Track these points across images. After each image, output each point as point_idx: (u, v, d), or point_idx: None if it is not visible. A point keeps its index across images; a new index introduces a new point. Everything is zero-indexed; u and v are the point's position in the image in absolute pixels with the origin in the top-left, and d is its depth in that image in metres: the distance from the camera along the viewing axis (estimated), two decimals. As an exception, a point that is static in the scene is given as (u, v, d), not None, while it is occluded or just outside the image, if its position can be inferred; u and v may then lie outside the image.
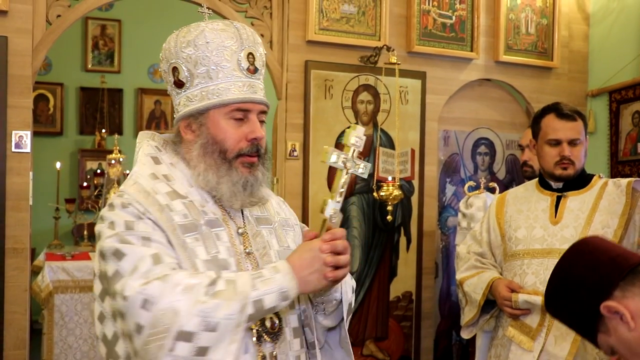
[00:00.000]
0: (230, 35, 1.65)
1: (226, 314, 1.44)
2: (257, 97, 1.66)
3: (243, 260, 1.65)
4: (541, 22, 4.63)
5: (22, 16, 3.34)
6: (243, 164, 1.65)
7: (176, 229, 1.57)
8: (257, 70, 1.68)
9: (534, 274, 2.58)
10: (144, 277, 1.45)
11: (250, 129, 1.65)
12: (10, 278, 3.33)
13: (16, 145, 3.35)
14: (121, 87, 7.34)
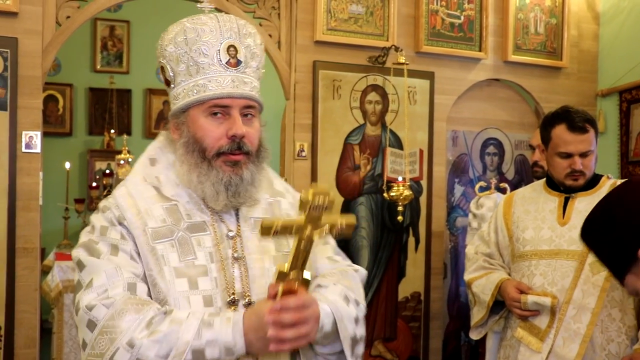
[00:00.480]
0: (210, 28, 1.60)
1: (157, 355, 1.40)
2: (236, 91, 1.59)
3: (229, 265, 1.59)
4: (550, 22, 4.61)
5: (32, 17, 3.36)
6: (225, 163, 1.58)
7: (148, 235, 1.55)
8: (240, 62, 1.61)
9: (541, 275, 2.58)
10: (96, 292, 1.48)
11: (230, 126, 1.58)
12: (20, 277, 3.35)
13: (26, 145, 3.37)
14: (130, 88, 7.37)
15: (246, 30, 1.64)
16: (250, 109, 1.62)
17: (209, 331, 1.43)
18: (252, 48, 1.64)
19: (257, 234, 1.60)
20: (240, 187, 1.59)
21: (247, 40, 1.63)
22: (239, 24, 1.64)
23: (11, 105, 3.32)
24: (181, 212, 1.61)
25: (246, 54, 1.62)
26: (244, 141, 1.58)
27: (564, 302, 2.50)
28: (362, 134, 4.09)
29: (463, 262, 4.39)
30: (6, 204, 3.31)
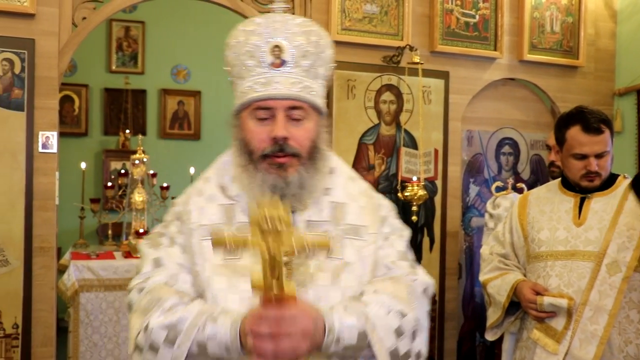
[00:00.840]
0: (258, 30, 1.57)
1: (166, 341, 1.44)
2: (278, 92, 1.54)
3: None
4: (566, 20, 4.58)
5: (49, 19, 3.39)
6: (270, 165, 1.55)
7: (198, 230, 1.59)
8: (285, 62, 1.56)
9: (557, 276, 2.56)
10: (140, 278, 1.59)
11: (272, 128, 1.54)
12: (37, 276, 3.38)
13: (43, 145, 3.40)
14: (145, 88, 7.40)
15: (298, 28, 1.58)
16: (296, 110, 1.56)
17: (211, 326, 1.43)
18: (304, 46, 1.57)
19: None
20: (286, 190, 1.55)
21: (297, 39, 1.57)
22: (289, 23, 1.59)
23: (28, 106, 3.35)
24: (237, 212, 1.61)
25: (294, 53, 1.56)
26: (288, 143, 1.54)
27: (581, 303, 2.48)
28: (377, 133, 4.09)
29: (478, 263, 4.37)
30: (23, 203, 3.34)
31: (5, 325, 3.32)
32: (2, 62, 3.31)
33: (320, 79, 1.63)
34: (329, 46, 1.64)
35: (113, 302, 4.65)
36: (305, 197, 1.58)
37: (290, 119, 1.56)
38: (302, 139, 1.56)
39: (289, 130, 1.55)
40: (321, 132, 1.62)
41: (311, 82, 1.59)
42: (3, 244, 3.31)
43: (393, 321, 1.52)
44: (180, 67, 7.47)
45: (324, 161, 1.63)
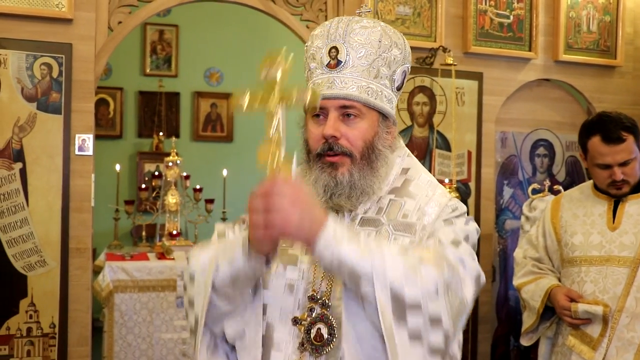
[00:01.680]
0: (321, 33, 1.63)
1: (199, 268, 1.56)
2: (329, 92, 1.56)
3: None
4: (604, 20, 4.50)
5: (86, 24, 3.44)
6: (322, 164, 1.56)
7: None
8: (340, 63, 1.57)
9: (592, 282, 2.51)
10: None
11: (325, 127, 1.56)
12: (73, 277, 3.43)
13: (79, 148, 3.45)
14: (178, 91, 7.48)
15: (359, 30, 1.59)
16: (348, 109, 1.56)
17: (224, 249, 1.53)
18: (362, 46, 1.58)
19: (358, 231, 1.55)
20: (336, 189, 1.55)
21: (354, 39, 1.58)
22: (351, 25, 1.60)
23: (65, 109, 3.41)
24: None
25: (351, 53, 1.57)
26: (338, 142, 1.54)
27: (617, 310, 2.43)
28: (410, 135, 4.06)
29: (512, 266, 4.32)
30: (60, 205, 3.40)
31: (43, 324, 3.38)
32: (41, 67, 3.37)
33: (384, 78, 1.61)
34: (396, 45, 1.63)
35: (147, 303, 4.70)
36: (355, 197, 1.56)
37: (344, 118, 1.56)
38: (354, 139, 1.56)
39: (340, 130, 1.55)
40: (380, 132, 1.60)
41: (370, 81, 1.58)
42: (41, 245, 3.37)
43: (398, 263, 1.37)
44: (213, 69, 7.53)
45: (383, 162, 1.60)
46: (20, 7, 3.30)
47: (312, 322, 1.51)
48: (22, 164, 3.36)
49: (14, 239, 3.34)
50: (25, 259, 3.35)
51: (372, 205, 1.61)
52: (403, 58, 1.66)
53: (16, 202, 3.34)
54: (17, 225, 3.34)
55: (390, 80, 1.63)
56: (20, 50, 3.34)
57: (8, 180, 3.34)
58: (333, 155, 1.55)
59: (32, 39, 3.35)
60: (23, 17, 3.32)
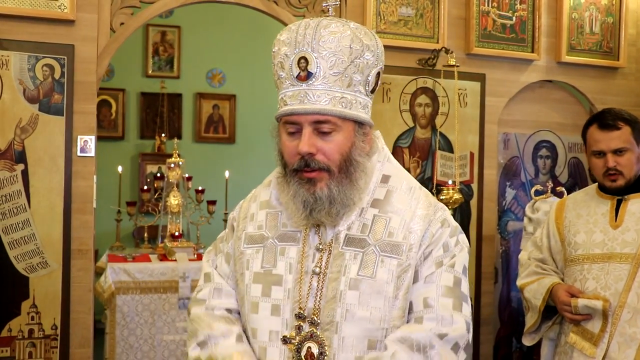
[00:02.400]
0: (289, 39, 1.53)
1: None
2: (300, 107, 1.49)
3: (307, 278, 1.55)
4: (606, 21, 4.49)
5: (88, 25, 3.44)
6: (300, 180, 1.53)
7: (242, 238, 1.67)
8: (311, 75, 1.49)
9: (594, 279, 2.52)
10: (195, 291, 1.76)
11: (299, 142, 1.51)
12: (75, 278, 3.43)
13: (81, 149, 3.45)
14: (180, 92, 7.48)
15: (329, 35, 1.51)
16: (322, 124, 1.50)
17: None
18: (333, 54, 1.50)
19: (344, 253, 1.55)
20: (315, 205, 1.52)
21: (325, 47, 1.50)
22: (319, 31, 1.52)
23: (67, 111, 3.41)
24: (281, 219, 1.64)
25: (321, 64, 1.50)
26: (315, 158, 1.50)
27: (618, 306, 2.44)
28: (412, 137, 4.06)
29: (515, 267, 4.31)
30: (62, 206, 3.40)
31: (45, 326, 3.38)
32: (43, 68, 3.37)
33: (358, 84, 1.55)
34: (368, 49, 1.56)
35: (149, 305, 4.70)
36: (334, 212, 1.54)
37: (319, 132, 1.51)
38: (330, 153, 1.52)
39: (317, 145, 1.50)
40: (357, 142, 1.56)
41: (344, 91, 1.52)
42: (43, 247, 3.37)
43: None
44: (216, 71, 7.53)
45: (361, 173, 1.57)
46: (22, 9, 3.30)
47: (301, 340, 1.52)
48: (24, 166, 3.36)
49: (16, 241, 3.34)
50: (27, 260, 3.35)
51: (355, 219, 1.58)
52: (376, 59, 1.59)
53: (18, 203, 3.34)
54: (19, 227, 3.34)
55: (364, 85, 1.58)
56: (22, 52, 3.34)
57: (10, 182, 3.34)
58: (310, 171, 1.51)
59: (34, 40, 3.35)
60: (25, 18, 3.32)
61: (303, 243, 1.59)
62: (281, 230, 1.61)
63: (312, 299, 1.55)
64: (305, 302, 1.55)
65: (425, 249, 1.57)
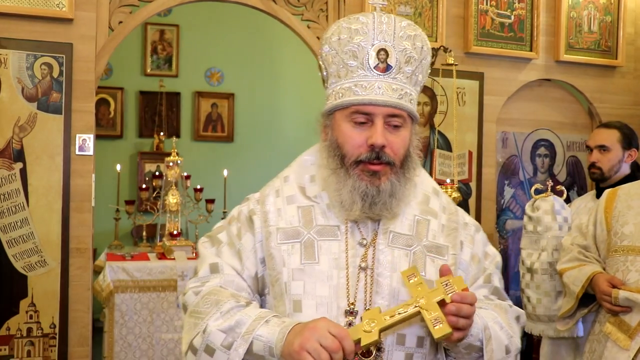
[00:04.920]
0: (364, 29, 1.52)
1: (222, 345, 1.44)
2: (380, 98, 1.50)
3: (353, 274, 1.53)
4: (605, 20, 4.49)
5: (86, 23, 3.44)
6: (363, 172, 1.51)
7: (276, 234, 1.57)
8: (390, 67, 1.51)
9: (637, 271, 2.46)
10: (197, 282, 1.59)
11: (370, 134, 1.50)
12: (73, 277, 3.43)
13: (80, 148, 3.45)
14: (179, 91, 7.47)
15: (404, 32, 1.54)
16: (395, 117, 1.52)
17: (263, 327, 1.43)
18: (409, 52, 1.53)
19: (393, 249, 1.55)
20: (377, 198, 1.51)
21: (403, 43, 1.52)
22: (396, 25, 1.53)
23: (65, 109, 3.41)
24: (316, 214, 1.58)
25: (399, 58, 1.52)
26: (385, 151, 1.50)
27: None
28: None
29: (513, 265, 4.31)
30: (60, 205, 3.40)
31: (43, 324, 3.38)
32: (41, 67, 3.37)
33: (419, 86, 1.60)
34: (430, 53, 1.61)
35: (147, 303, 4.69)
36: (394, 206, 1.55)
37: (388, 126, 1.52)
38: (397, 148, 1.53)
39: (387, 138, 1.51)
40: (414, 139, 1.59)
41: (411, 89, 1.56)
42: (41, 245, 3.37)
43: (504, 338, 1.54)
44: (214, 69, 7.52)
45: (415, 170, 1.59)
46: (21, 7, 3.30)
47: None
48: (23, 164, 3.36)
49: (14, 239, 3.34)
50: (25, 259, 3.35)
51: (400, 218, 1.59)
52: (430, 64, 1.64)
53: (16, 202, 3.34)
54: (17, 225, 3.34)
55: (421, 87, 1.63)
56: (20, 50, 3.34)
57: (8, 180, 3.34)
58: (378, 163, 1.51)
59: (33, 39, 3.35)
60: (23, 16, 3.31)
61: (345, 237, 1.56)
62: (319, 225, 1.57)
63: (361, 294, 1.52)
64: (354, 298, 1.52)
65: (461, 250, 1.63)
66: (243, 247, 1.60)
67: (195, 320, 1.50)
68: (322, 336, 1.33)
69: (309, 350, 1.32)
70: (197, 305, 1.52)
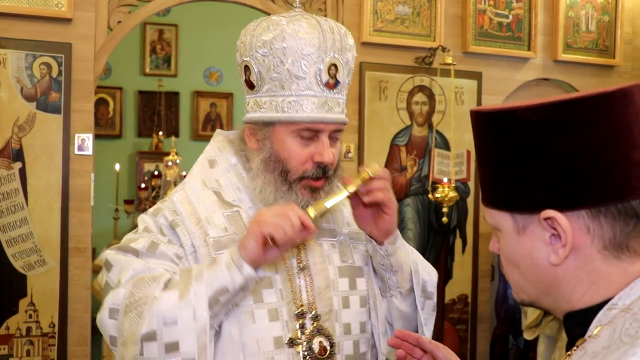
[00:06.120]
0: (314, 40, 1.45)
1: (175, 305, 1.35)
2: (329, 116, 1.47)
3: (294, 275, 1.53)
4: (602, 19, 4.50)
5: (85, 23, 3.44)
6: (305, 188, 1.50)
7: (209, 245, 1.49)
8: (339, 83, 1.48)
9: None
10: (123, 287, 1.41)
11: (317, 151, 1.48)
12: (73, 277, 3.44)
13: (79, 147, 3.45)
14: (178, 91, 7.48)
15: (346, 42, 1.51)
16: (338, 132, 1.53)
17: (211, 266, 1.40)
18: (350, 64, 1.52)
19: (321, 243, 1.57)
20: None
21: (347, 55, 1.50)
22: (341, 35, 1.50)
23: (64, 109, 3.41)
24: (243, 219, 1.54)
25: (344, 71, 1.50)
26: (329, 166, 1.50)
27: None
28: (409, 135, 4.07)
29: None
30: (59, 204, 3.40)
31: (43, 324, 3.38)
32: (40, 66, 3.37)
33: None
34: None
35: (147, 302, 4.70)
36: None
37: (330, 139, 1.51)
38: (336, 159, 1.54)
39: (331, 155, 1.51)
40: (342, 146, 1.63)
41: (345, 98, 1.55)
42: (40, 245, 3.37)
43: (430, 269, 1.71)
44: (213, 69, 7.53)
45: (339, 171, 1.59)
46: (20, 7, 3.30)
47: (310, 337, 1.49)
48: (22, 164, 3.36)
49: (14, 239, 3.34)
50: (24, 258, 3.35)
51: None
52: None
53: (15, 201, 3.35)
54: (16, 225, 3.34)
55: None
56: (19, 50, 3.34)
57: (7, 180, 3.34)
58: (321, 178, 1.51)
59: (32, 39, 3.35)
60: (22, 16, 3.32)
61: None
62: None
63: (304, 294, 1.52)
64: (299, 299, 1.51)
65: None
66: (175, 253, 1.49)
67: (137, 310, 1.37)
68: (273, 213, 1.38)
69: (265, 219, 1.37)
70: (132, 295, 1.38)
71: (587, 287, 0.89)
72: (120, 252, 1.51)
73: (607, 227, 0.87)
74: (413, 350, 1.35)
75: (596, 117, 0.85)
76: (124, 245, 1.52)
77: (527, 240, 0.92)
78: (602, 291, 0.89)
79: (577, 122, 0.86)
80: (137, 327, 1.35)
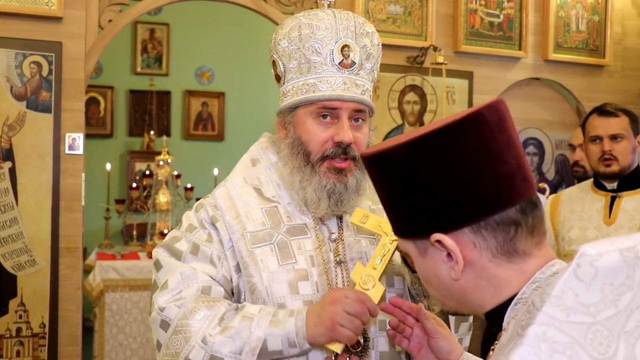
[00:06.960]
0: (326, 25, 1.51)
1: (230, 351, 1.41)
2: (346, 94, 1.50)
3: (331, 269, 1.54)
4: (592, 19, 4.53)
5: (76, 22, 3.43)
6: (329, 169, 1.52)
7: (247, 239, 1.53)
8: (354, 64, 1.52)
9: None
10: (170, 294, 1.49)
11: (336, 131, 1.50)
12: (63, 276, 3.42)
13: (69, 147, 3.44)
14: (169, 90, 7.46)
15: (363, 29, 1.55)
16: (360, 113, 1.54)
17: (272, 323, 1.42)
18: (368, 49, 1.55)
19: (360, 240, 1.59)
20: (344, 195, 1.53)
21: (363, 40, 1.54)
22: (356, 22, 1.55)
23: (55, 108, 3.40)
24: (281, 214, 1.57)
25: (361, 54, 1.53)
26: (351, 147, 1.51)
27: None
28: (400, 134, 4.07)
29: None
30: (50, 204, 3.39)
31: (33, 324, 3.36)
32: (30, 65, 3.36)
33: (373, 82, 1.63)
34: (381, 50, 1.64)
35: (138, 302, 4.69)
36: (358, 202, 1.57)
37: (352, 121, 1.53)
38: (360, 143, 1.54)
39: (352, 134, 1.52)
40: (372, 136, 1.62)
41: (370, 85, 1.58)
42: (31, 244, 3.36)
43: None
44: (204, 68, 7.52)
45: None
46: (10, 5, 3.29)
47: None
48: (12, 163, 3.34)
49: (4, 239, 3.32)
50: (14, 258, 3.34)
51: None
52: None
53: (5, 201, 3.33)
54: (6, 225, 3.33)
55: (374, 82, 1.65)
56: (9, 49, 3.32)
57: (-3, 180, 3.32)
58: (344, 159, 1.52)
59: (22, 37, 3.33)
60: (12, 15, 3.30)
61: (315, 234, 1.57)
62: (287, 225, 1.56)
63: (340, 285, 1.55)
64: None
65: None
66: (214, 254, 1.55)
67: (185, 334, 1.44)
68: (346, 305, 1.37)
69: (341, 323, 1.36)
70: (184, 318, 1.45)
71: (493, 291, 0.98)
72: (167, 253, 1.57)
73: (490, 238, 0.95)
74: (406, 318, 1.40)
75: (454, 144, 0.92)
76: (170, 245, 1.58)
77: (429, 262, 1.01)
78: (505, 291, 0.97)
79: (437, 152, 0.93)
80: (182, 349, 1.43)
